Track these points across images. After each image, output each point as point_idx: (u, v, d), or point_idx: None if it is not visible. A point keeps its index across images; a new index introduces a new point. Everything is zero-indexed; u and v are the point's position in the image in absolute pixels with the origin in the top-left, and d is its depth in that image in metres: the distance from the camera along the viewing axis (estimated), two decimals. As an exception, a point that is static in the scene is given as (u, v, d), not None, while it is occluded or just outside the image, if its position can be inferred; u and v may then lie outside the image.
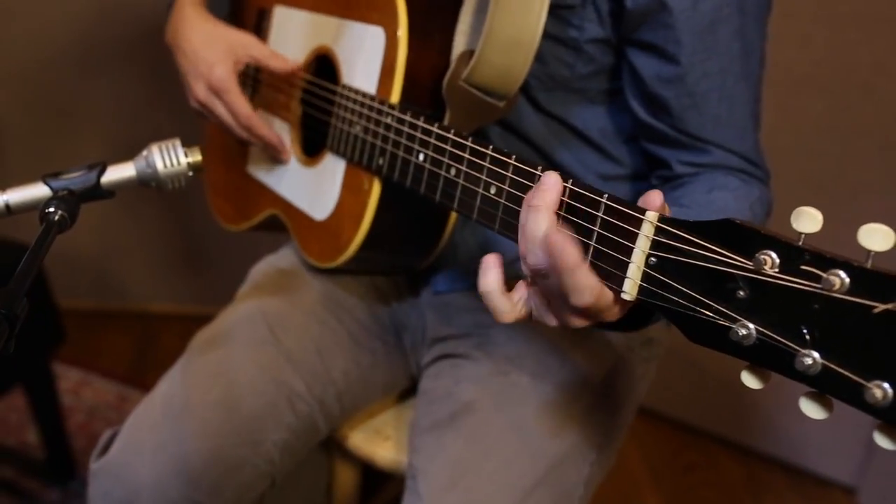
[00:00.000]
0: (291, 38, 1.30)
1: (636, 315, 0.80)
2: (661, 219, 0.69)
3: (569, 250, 0.70)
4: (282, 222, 1.31)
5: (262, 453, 1.14)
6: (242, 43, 1.22)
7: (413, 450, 1.16)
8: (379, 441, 1.28)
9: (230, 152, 1.44)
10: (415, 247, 1.17)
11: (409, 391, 1.36)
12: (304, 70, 1.25)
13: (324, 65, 1.23)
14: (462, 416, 1.10)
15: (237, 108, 1.19)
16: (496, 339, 1.17)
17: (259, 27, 1.39)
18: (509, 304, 0.79)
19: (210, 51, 1.21)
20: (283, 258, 1.34)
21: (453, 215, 1.14)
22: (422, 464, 1.11)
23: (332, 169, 1.16)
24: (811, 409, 0.62)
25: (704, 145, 1.05)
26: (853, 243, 0.58)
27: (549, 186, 0.76)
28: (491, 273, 0.78)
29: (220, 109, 1.22)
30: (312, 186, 1.21)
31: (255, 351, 1.18)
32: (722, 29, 1.01)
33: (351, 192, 1.12)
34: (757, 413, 2.31)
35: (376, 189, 1.08)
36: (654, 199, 0.72)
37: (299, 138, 1.28)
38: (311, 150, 1.25)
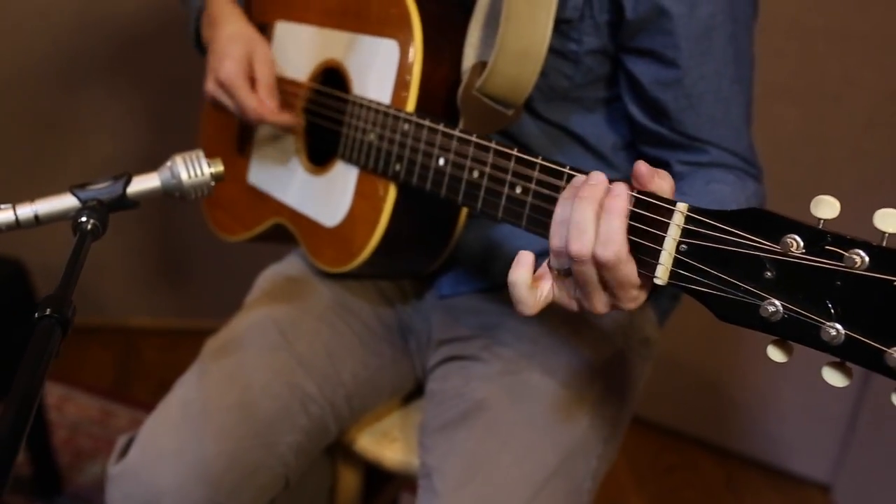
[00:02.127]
0: (295, 52, 1.34)
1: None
2: (691, 209, 0.74)
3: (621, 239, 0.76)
4: (286, 231, 1.34)
5: (277, 455, 1.17)
6: (260, 56, 1.26)
7: (425, 449, 1.19)
8: (387, 443, 1.31)
9: (228, 163, 1.46)
10: (425, 250, 1.21)
11: (413, 394, 1.39)
12: (312, 82, 1.29)
13: (331, 77, 1.27)
14: (475, 413, 1.14)
15: (245, 103, 1.23)
16: (503, 339, 1.21)
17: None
18: (533, 297, 0.83)
19: (229, 47, 1.25)
20: (289, 265, 1.37)
21: (461, 219, 1.19)
22: (436, 462, 1.14)
23: (344, 176, 1.20)
24: (834, 378, 0.68)
25: (702, 145, 1.11)
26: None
27: (599, 181, 0.80)
28: (523, 267, 0.83)
29: (229, 103, 1.26)
30: (322, 194, 1.25)
31: (268, 356, 1.21)
32: (716, 34, 1.07)
33: (364, 198, 1.16)
34: (735, 415, 2.38)
35: (392, 194, 1.12)
36: (640, 171, 0.79)
37: (304, 148, 1.31)
38: (317, 159, 1.29)
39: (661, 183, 0.80)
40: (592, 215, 0.78)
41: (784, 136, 2.04)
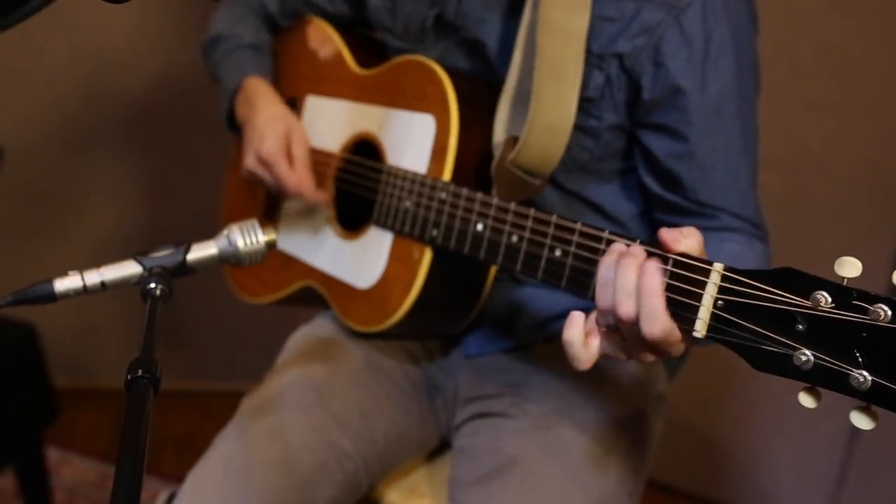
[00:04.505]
0: (326, 124, 1.43)
1: None
2: (727, 268, 0.83)
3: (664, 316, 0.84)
4: (315, 293, 1.41)
5: None
6: (297, 137, 1.37)
7: None
8: (415, 498, 1.36)
9: None
10: (456, 311, 1.29)
11: (437, 450, 1.45)
12: (344, 153, 1.38)
13: (363, 149, 1.36)
14: (508, 468, 1.20)
15: (285, 178, 1.33)
16: (530, 396, 1.28)
17: (289, 115, 1.52)
18: (586, 353, 0.91)
19: (269, 127, 1.35)
20: (320, 327, 1.44)
21: (489, 281, 1.27)
22: None
23: (378, 240, 1.28)
24: (861, 421, 0.76)
25: (713, 211, 1.21)
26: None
27: (639, 253, 0.88)
28: (576, 327, 0.90)
29: (268, 178, 1.36)
30: (355, 258, 1.33)
31: (306, 414, 1.27)
32: (725, 110, 1.18)
33: (399, 261, 1.24)
34: (727, 470, 2.44)
35: (427, 257, 1.20)
36: (664, 239, 0.87)
37: (335, 215, 1.39)
38: (347, 224, 1.37)
39: (688, 242, 0.88)
40: (635, 279, 0.86)
41: (767, 200, 2.11)
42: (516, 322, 1.33)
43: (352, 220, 1.37)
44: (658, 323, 0.84)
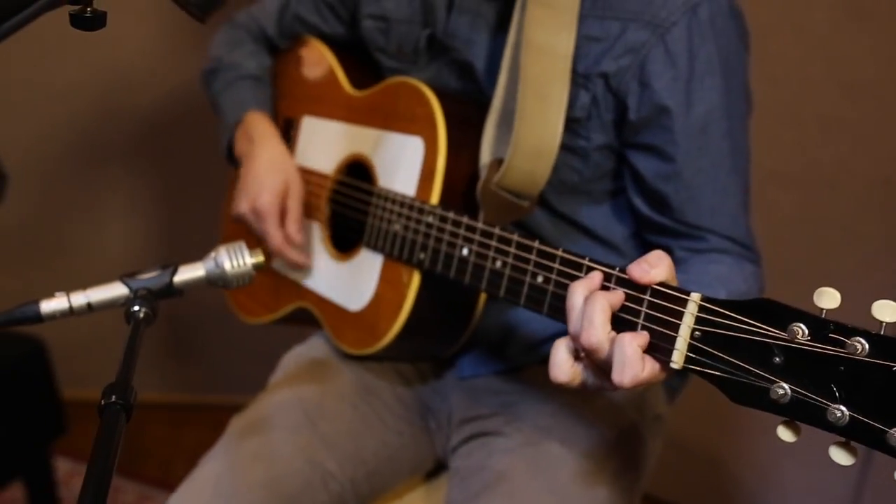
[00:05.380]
0: (322, 146, 1.43)
1: None
2: (704, 298, 0.81)
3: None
4: (309, 314, 1.40)
5: None
6: (293, 192, 1.37)
7: None
8: (408, 521, 1.35)
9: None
10: (446, 334, 1.27)
11: (433, 472, 1.43)
12: (338, 174, 1.37)
13: (356, 170, 1.35)
14: (496, 484, 1.18)
15: (272, 234, 1.35)
16: (524, 415, 1.26)
17: (286, 135, 1.51)
18: (569, 364, 0.89)
19: (268, 177, 1.36)
20: (313, 347, 1.43)
21: (480, 305, 1.25)
22: None
23: (369, 263, 1.27)
24: (840, 457, 0.74)
25: (702, 233, 1.19)
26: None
27: (592, 276, 0.89)
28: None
29: (256, 228, 1.37)
30: (346, 280, 1.32)
31: (293, 434, 1.26)
32: (712, 130, 1.16)
33: (389, 284, 1.23)
34: (738, 492, 2.40)
35: (415, 281, 1.19)
36: (633, 276, 0.86)
37: (329, 236, 1.39)
38: (341, 246, 1.36)
39: (658, 271, 0.86)
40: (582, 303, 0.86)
41: (780, 220, 2.12)
42: (510, 344, 1.32)
43: (345, 241, 1.36)
44: (594, 335, 0.84)
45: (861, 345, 0.70)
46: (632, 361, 0.81)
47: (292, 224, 1.36)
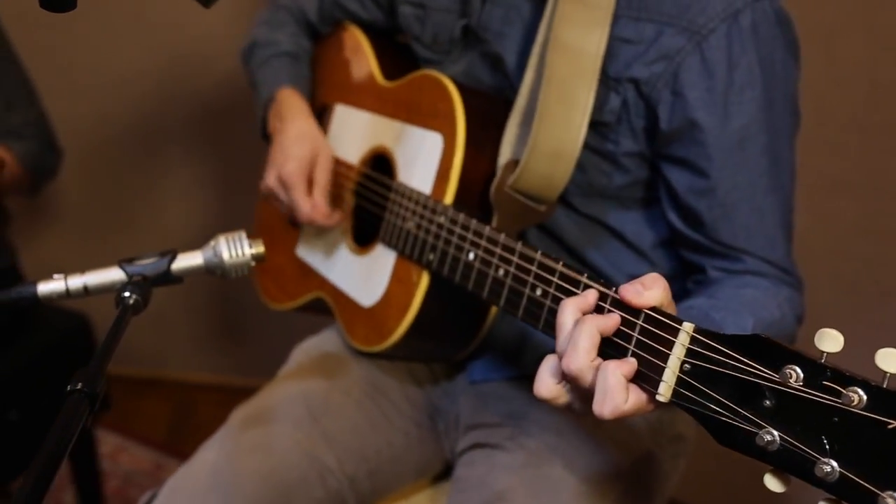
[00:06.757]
0: (351, 135, 1.40)
1: None
2: (697, 329, 0.75)
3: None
4: (327, 305, 1.38)
5: None
6: (322, 161, 1.33)
7: None
8: (413, 523, 1.33)
9: (279, 235, 1.53)
10: (455, 338, 1.23)
11: (442, 474, 1.40)
12: (362, 166, 1.34)
13: (380, 162, 1.32)
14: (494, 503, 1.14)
15: (299, 203, 1.30)
16: (529, 430, 1.22)
17: (320, 121, 1.49)
18: (553, 382, 0.84)
19: (295, 147, 1.33)
20: (326, 340, 1.41)
21: (492, 311, 1.21)
22: None
23: (383, 259, 1.24)
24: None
25: (737, 253, 1.12)
26: (884, 342, 0.63)
27: (587, 295, 0.83)
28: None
29: (284, 199, 1.32)
30: (362, 274, 1.29)
31: (294, 428, 1.24)
32: (750, 146, 1.08)
33: (399, 283, 1.19)
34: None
35: (424, 282, 1.15)
36: (626, 299, 0.80)
37: (351, 228, 1.36)
38: (362, 239, 1.33)
39: (652, 293, 0.80)
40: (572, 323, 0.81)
41: (841, 229, 2.01)
42: (522, 351, 1.27)
43: (366, 234, 1.33)
44: (575, 361, 0.79)
45: (858, 396, 0.63)
46: (613, 392, 0.76)
47: (319, 193, 1.31)
